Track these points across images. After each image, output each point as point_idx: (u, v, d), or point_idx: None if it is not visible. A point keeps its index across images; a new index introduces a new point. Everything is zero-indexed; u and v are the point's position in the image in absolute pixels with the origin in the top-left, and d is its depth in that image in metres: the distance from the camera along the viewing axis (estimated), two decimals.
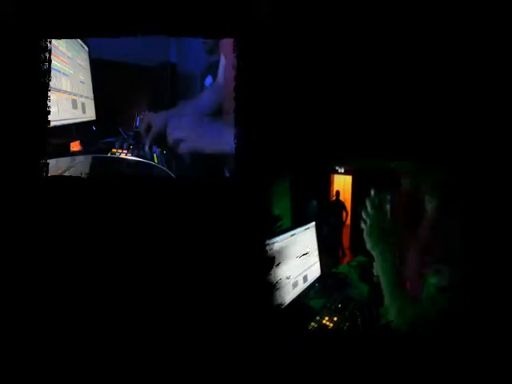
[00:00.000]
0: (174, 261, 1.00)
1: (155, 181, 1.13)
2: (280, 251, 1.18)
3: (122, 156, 1.41)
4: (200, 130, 1.30)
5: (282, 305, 1.11)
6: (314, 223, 1.43)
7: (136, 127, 1.77)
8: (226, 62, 1.45)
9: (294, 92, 1.04)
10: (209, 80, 1.70)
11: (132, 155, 1.42)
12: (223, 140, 1.22)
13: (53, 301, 0.98)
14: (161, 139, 1.52)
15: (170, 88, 1.93)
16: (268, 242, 1.08)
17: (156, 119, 1.53)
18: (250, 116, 1.02)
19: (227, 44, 1.34)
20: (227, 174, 1.23)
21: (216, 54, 1.57)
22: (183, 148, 1.27)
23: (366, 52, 1.02)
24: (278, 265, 1.11)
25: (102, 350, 0.97)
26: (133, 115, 1.83)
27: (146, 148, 1.51)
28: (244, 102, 1.02)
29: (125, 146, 1.52)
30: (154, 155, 1.46)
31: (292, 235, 1.28)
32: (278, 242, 1.18)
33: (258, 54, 1.02)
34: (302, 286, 1.29)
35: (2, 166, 0.98)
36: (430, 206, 0.99)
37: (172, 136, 1.29)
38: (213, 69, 1.63)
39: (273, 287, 1.09)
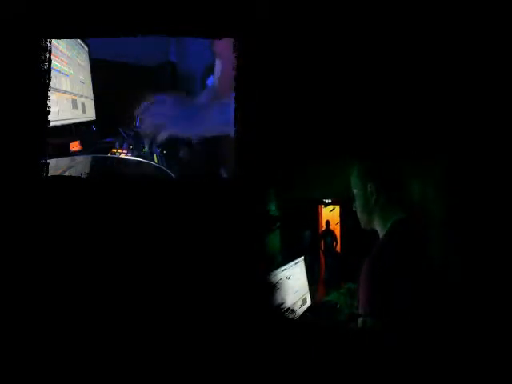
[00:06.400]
0: (173, 261, 1.00)
1: (155, 181, 1.13)
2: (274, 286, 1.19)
3: (122, 156, 1.42)
4: (183, 111, 1.26)
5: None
6: (302, 257, 1.48)
7: (136, 127, 1.77)
8: (220, 62, 1.45)
9: (294, 92, 1.04)
10: (211, 80, 1.70)
11: (132, 155, 1.43)
12: (213, 121, 1.17)
13: (52, 301, 0.98)
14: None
15: (170, 88, 1.93)
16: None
17: None
18: (250, 116, 1.02)
19: (221, 44, 1.34)
20: (224, 174, 1.22)
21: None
22: (163, 135, 1.22)
23: (365, 55, 1.03)
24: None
25: (100, 350, 0.97)
26: (133, 115, 1.82)
27: (146, 148, 1.51)
28: (244, 101, 1.02)
29: (125, 146, 1.53)
30: (154, 155, 1.46)
31: (283, 270, 1.32)
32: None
33: (258, 54, 1.02)
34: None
35: (2, 165, 0.98)
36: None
37: (151, 121, 1.25)
38: (214, 68, 1.64)
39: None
